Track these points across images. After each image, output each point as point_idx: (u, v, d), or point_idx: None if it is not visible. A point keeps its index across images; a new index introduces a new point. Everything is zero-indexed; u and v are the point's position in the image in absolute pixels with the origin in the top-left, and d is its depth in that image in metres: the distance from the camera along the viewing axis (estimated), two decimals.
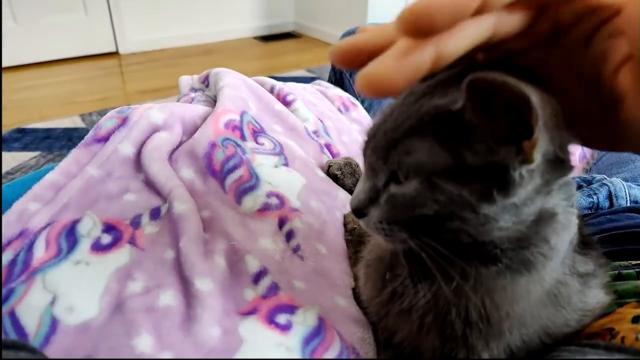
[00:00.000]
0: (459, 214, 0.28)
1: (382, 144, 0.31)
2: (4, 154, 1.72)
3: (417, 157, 0.28)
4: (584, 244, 0.39)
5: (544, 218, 0.30)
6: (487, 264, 0.31)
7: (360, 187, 0.33)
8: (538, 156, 0.27)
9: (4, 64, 2.48)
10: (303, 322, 0.41)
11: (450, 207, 0.28)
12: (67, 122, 1.99)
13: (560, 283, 0.34)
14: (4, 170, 1.61)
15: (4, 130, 1.88)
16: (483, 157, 0.27)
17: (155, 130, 0.56)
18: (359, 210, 0.33)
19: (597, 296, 0.38)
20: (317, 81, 0.98)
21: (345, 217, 0.58)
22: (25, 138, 1.84)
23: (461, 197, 0.28)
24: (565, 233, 0.33)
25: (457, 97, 0.28)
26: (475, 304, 0.32)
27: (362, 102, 0.92)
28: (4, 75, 2.40)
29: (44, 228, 0.45)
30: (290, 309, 0.42)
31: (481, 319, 0.32)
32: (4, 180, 1.54)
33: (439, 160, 0.28)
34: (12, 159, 1.69)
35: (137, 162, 0.54)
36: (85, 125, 1.98)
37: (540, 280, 0.33)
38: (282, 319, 0.40)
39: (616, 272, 0.44)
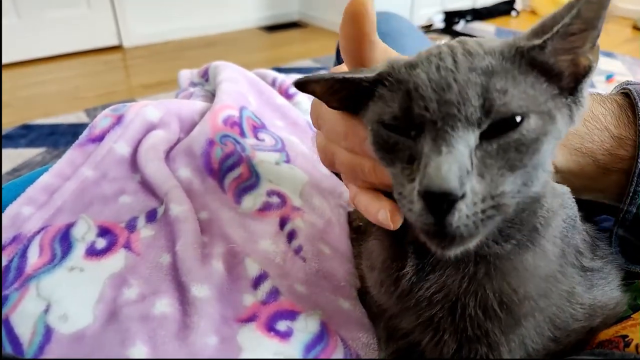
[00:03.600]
0: (545, 158, 0.28)
1: (465, 95, 0.26)
2: (10, 150, 1.72)
3: (523, 92, 0.27)
4: (592, 240, 0.38)
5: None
6: (502, 243, 0.31)
7: (441, 161, 0.25)
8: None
9: (8, 60, 2.47)
10: (304, 328, 0.39)
11: (550, 139, 0.28)
12: (72, 117, 1.99)
13: (561, 273, 0.34)
14: (10, 167, 1.61)
15: (10, 127, 1.88)
16: (570, 77, 0.29)
17: (151, 128, 0.54)
18: (451, 195, 0.24)
19: (606, 293, 0.36)
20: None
21: (350, 214, 0.56)
22: (30, 134, 1.85)
23: (562, 122, 0.28)
24: (556, 198, 0.34)
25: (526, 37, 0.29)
26: (494, 290, 0.31)
27: None
28: (8, 72, 2.41)
29: (37, 232, 0.44)
30: (291, 314, 0.40)
31: (501, 306, 0.31)
32: (10, 177, 1.54)
33: (541, 91, 0.28)
34: (19, 155, 1.69)
35: (133, 162, 0.52)
36: (90, 121, 1.97)
37: (544, 255, 0.32)
38: (282, 325, 0.39)
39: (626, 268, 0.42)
